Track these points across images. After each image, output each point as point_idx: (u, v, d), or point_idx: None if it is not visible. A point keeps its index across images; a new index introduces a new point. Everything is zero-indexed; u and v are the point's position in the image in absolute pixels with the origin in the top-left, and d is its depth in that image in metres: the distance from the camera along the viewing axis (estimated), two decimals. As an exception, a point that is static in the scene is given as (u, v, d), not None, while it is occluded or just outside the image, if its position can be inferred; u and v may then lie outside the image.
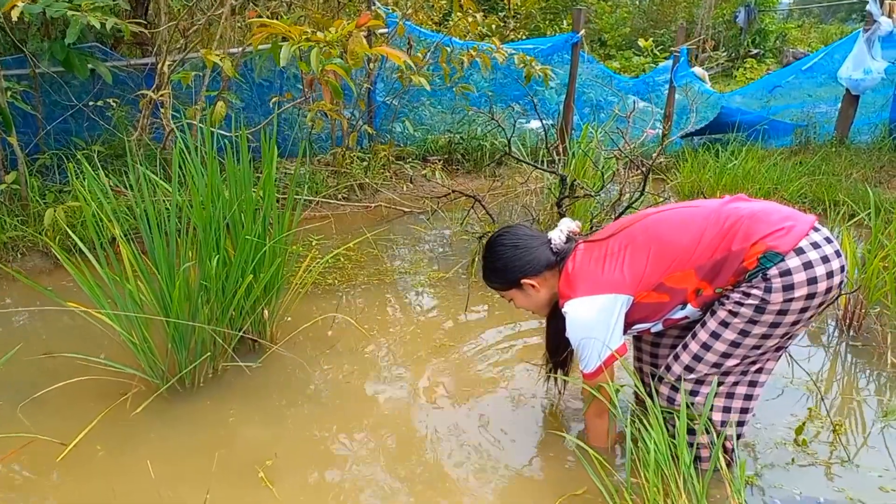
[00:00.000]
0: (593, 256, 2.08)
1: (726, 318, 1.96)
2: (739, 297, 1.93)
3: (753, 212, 1.96)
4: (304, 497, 2.12)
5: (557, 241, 2.17)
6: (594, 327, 2.00)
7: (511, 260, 2.17)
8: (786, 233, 1.90)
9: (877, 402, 2.66)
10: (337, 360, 2.94)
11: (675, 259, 1.98)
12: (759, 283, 1.90)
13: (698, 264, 1.96)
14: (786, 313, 1.91)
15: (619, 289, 2.00)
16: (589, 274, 2.05)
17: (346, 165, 5.29)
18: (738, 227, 1.94)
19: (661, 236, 2.02)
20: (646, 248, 2.01)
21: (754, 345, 1.97)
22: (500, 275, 2.20)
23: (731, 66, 14.08)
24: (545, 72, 5.37)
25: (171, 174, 2.55)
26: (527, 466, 2.29)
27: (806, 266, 1.87)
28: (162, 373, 2.57)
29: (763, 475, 2.22)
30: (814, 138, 6.51)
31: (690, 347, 2.04)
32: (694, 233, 1.98)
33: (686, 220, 2.03)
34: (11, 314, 3.39)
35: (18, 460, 2.21)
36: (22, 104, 4.07)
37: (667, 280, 1.99)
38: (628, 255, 2.03)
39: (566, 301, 2.05)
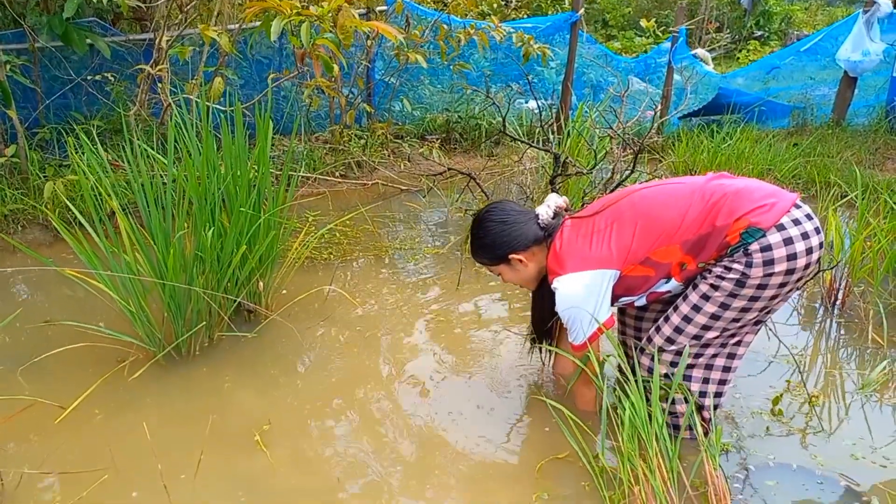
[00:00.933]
0: (581, 233, 2.14)
1: (707, 292, 2.02)
2: (721, 272, 1.99)
3: (737, 189, 2.02)
4: (297, 462, 2.19)
5: (545, 217, 2.21)
6: (583, 302, 2.06)
7: (499, 235, 2.22)
8: (768, 209, 1.95)
9: (856, 376, 2.73)
10: (331, 331, 3.00)
11: (660, 234, 2.04)
12: (741, 257, 1.95)
13: (683, 239, 2.01)
14: (765, 287, 1.96)
15: (607, 264, 2.06)
16: (577, 250, 2.11)
17: (344, 143, 5.33)
18: (722, 203, 1.99)
19: (648, 212, 2.07)
20: (632, 224, 2.07)
21: (734, 318, 2.03)
22: (489, 250, 2.25)
23: (734, 48, 14.01)
24: (543, 51, 5.39)
25: (168, 148, 2.61)
26: (513, 432, 2.36)
27: (786, 242, 1.93)
28: (158, 341, 2.64)
29: (739, 443, 2.29)
30: (811, 120, 6.52)
31: (672, 319, 2.10)
32: (679, 208, 2.03)
33: (672, 196, 2.08)
34: (13, 285, 3.46)
35: (19, 422, 2.28)
36: (21, 78, 4.10)
37: (652, 254, 2.05)
38: (615, 231, 2.09)
39: (555, 277, 2.12)
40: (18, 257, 3.68)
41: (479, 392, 2.58)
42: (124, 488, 2.05)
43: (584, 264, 2.08)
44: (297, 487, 2.08)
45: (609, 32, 13.43)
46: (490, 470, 2.17)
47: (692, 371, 2.14)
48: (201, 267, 2.64)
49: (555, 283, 2.11)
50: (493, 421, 2.41)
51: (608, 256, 2.07)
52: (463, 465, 2.19)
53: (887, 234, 3.18)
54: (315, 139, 5.56)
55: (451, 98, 6.39)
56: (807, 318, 3.23)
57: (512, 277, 2.31)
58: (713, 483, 1.89)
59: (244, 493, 2.04)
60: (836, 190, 4.22)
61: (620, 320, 2.52)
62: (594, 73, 7.33)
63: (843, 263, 3.20)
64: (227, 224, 2.73)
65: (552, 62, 6.94)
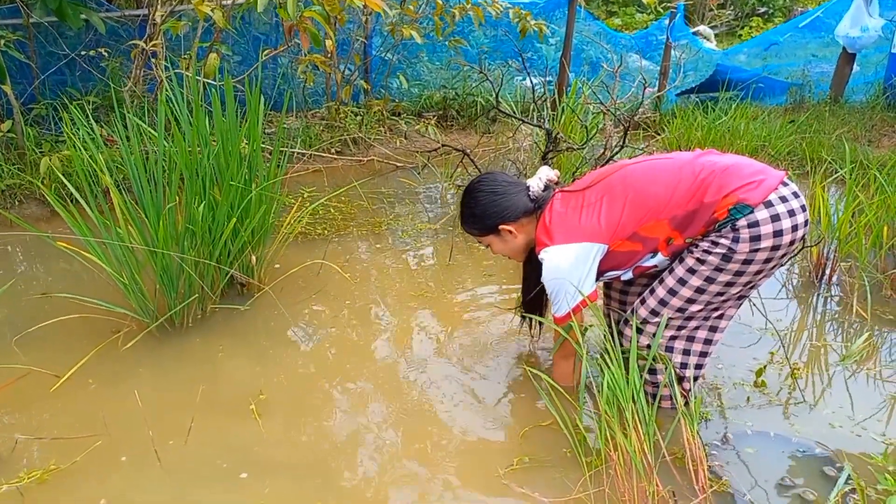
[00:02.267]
0: (571, 206, 2.17)
1: (693, 266, 2.05)
2: (707, 247, 2.02)
3: (726, 165, 2.04)
4: (288, 431, 2.24)
5: (535, 189, 2.24)
6: (568, 274, 2.09)
7: (489, 206, 2.24)
8: (756, 186, 1.98)
9: (839, 349, 2.77)
10: (323, 304, 3.05)
11: (649, 209, 2.06)
12: (728, 233, 1.98)
13: (672, 214, 2.04)
14: (750, 263, 2.00)
15: (595, 238, 2.10)
16: (566, 223, 2.14)
17: (340, 119, 5.34)
18: (710, 179, 2.02)
19: (638, 187, 2.10)
20: (622, 198, 2.09)
21: (718, 291, 2.07)
22: (479, 220, 2.27)
23: (736, 24, 13.90)
24: (540, 27, 5.38)
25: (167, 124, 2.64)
26: (499, 402, 2.41)
27: (773, 219, 1.96)
28: (152, 312, 2.68)
29: (720, 413, 2.33)
30: (809, 97, 6.51)
31: (657, 292, 2.14)
32: (669, 184, 2.06)
33: (661, 172, 2.10)
34: (11, 259, 3.51)
35: (15, 390, 2.33)
36: (16, 53, 4.12)
37: (641, 229, 2.08)
38: (605, 205, 2.11)
39: (543, 248, 2.14)
40: (16, 231, 3.73)
41: (468, 364, 2.62)
42: (117, 454, 2.11)
43: (572, 236, 2.10)
44: (286, 455, 2.13)
45: (610, 9, 13.32)
46: (476, 437, 2.22)
47: (674, 343, 2.19)
48: (193, 240, 2.68)
49: (542, 254, 2.14)
50: (480, 391, 2.46)
51: (597, 230, 2.09)
52: (450, 434, 2.24)
53: (875, 209, 3.20)
54: (311, 116, 5.57)
55: (448, 75, 6.38)
56: (793, 293, 3.27)
57: (501, 248, 2.33)
58: (690, 449, 1.94)
59: (234, 460, 2.10)
60: (826, 166, 4.24)
61: (606, 294, 2.56)
62: (593, 50, 7.31)
63: (830, 238, 3.23)
64: (218, 198, 2.76)
65: (551, 39, 6.92)
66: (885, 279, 3.18)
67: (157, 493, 1.97)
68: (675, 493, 1.93)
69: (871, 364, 2.64)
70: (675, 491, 1.94)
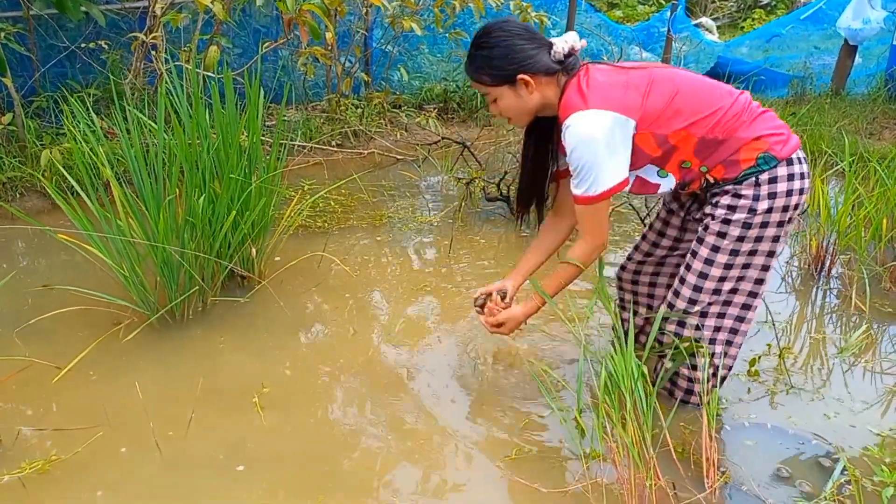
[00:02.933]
0: (615, 79, 1.98)
1: (716, 243, 2.01)
2: (725, 213, 1.97)
3: (763, 110, 2.00)
4: (288, 423, 2.26)
5: (559, 49, 2.00)
6: (604, 144, 1.89)
7: (512, 49, 1.97)
8: (786, 140, 1.95)
9: (837, 341, 2.77)
10: (324, 296, 3.06)
11: (689, 118, 1.94)
12: (750, 187, 1.94)
13: (703, 134, 1.94)
14: (766, 225, 1.97)
15: (632, 114, 1.92)
16: (607, 90, 1.94)
17: (341, 112, 5.34)
18: (746, 117, 1.95)
19: (685, 90, 1.96)
20: (669, 93, 1.95)
21: (744, 263, 2.03)
22: (496, 65, 1.99)
23: (738, 16, 13.85)
24: (541, 19, 5.37)
25: (167, 117, 2.65)
26: (500, 392, 2.43)
27: (790, 178, 1.94)
28: (152, 305, 2.69)
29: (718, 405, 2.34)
30: (810, 89, 6.49)
31: (689, 279, 2.08)
32: (714, 103, 1.96)
33: (710, 90, 2.00)
34: (13, 251, 3.52)
35: (17, 382, 2.35)
36: (16, 46, 4.12)
37: (672, 135, 1.95)
38: (652, 91, 1.95)
39: (574, 112, 1.91)
40: (18, 224, 3.73)
41: (469, 355, 2.64)
42: (118, 445, 2.12)
43: (609, 104, 1.90)
44: (286, 447, 2.15)
45: (611, 0, 13.27)
46: (476, 428, 2.24)
47: (717, 334, 2.13)
48: (193, 232, 2.69)
49: (571, 119, 1.91)
50: (480, 383, 2.48)
51: (636, 107, 1.92)
52: (450, 425, 2.25)
53: (875, 202, 3.20)
54: (312, 108, 5.57)
55: (448, 67, 6.38)
56: (792, 286, 3.27)
57: (509, 105, 2.05)
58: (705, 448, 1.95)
59: (234, 451, 2.11)
60: (828, 159, 4.23)
61: (619, 286, 2.51)
62: (594, 42, 7.30)
63: (830, 231, 3.23)
64: (218, 190, 2.77)
65: (552, 31, 6.90)
66: (884, 272, 3.19)
67: (157, 484, 1.98)
68: (676, 485, 1.94)
69: (870, 356, 2.65)
70: (675, 482, 1.95)
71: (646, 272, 2.42)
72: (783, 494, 1.94)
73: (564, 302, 3.04)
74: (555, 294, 2.19)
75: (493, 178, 4.10)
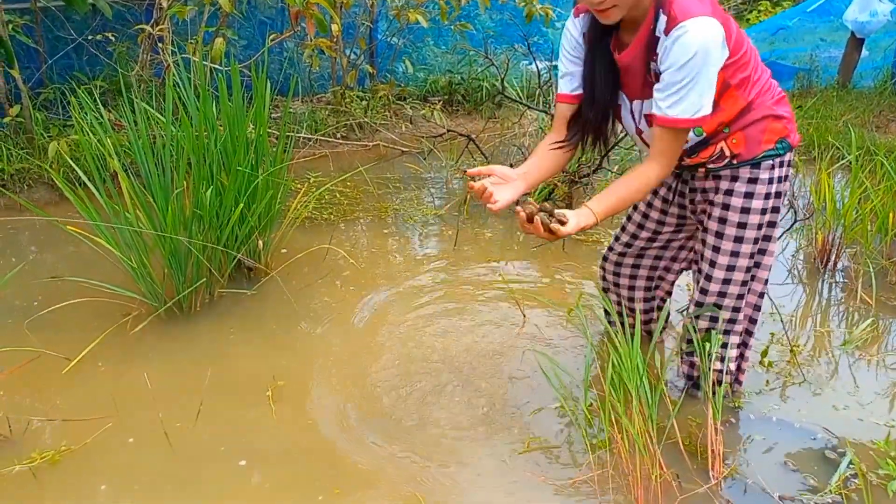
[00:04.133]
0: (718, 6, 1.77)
1: (737, 233, 1.97)
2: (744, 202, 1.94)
3: (783, 92, 1.98)
4: (295, 415, 2.27)
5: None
6: (713, 60, 1.71)
7: None
8: (795, 127, 1.97)
9: (843, 334, 2.78)
10: (329, 289, 3.07)
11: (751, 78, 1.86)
12: (767, 170, 1.92)
13: (751, 102, 1.87)
14: (777, 210, 2.00)
15: (729, 43, 1.75)
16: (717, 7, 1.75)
17: (346, 104, 5.34)
18: (776, 91, 1.94)
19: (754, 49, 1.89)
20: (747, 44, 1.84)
21: (759, 249, 2.04)
22: None
23: (745, 8, 13.78)
24: (546, 11, 5.35)
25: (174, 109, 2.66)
26: (507, 385, 2.44)
27: (788, 164, 1.98)
28: (160, 296, 2.71)
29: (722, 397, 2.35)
30: (816, 82, 6.46)
31: (716, 275, 2.04)
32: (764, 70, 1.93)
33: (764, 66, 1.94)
34: (22, 243, 3.54)
35: (28, 373, 2.37)
36: (24, 38, 4.13)
37: (731, 89, 1.83)
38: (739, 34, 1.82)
39: (694, 16, 1.67)
40: (26, 216, 3.75)
41: (474, 348, 2.65)
42: (127, 435, 2.14)
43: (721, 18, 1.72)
44: (296, 439, 2.16)
45: (617, -7, 13.19)
46: (483, 419, 2.25)
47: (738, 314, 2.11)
48: (200, 224, 2.70)
49: (689, 23, 1.67)
50: (487, 375, 2.49)
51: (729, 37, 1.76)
52: (457, 417, 2.26)
53: (881, 196, 3.20)
54: (317, 100, 5.57)
55: (453, 59, 6.36)
56: (798, 279, 3.27)
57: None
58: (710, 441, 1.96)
59: (242, 443, 2.13)
60: (834, 152, 4.23)
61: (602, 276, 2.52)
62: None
63: (836, 224, 3.23)
64: (225, 183, 2.78)
65: (557, 23, 6.87)
66: (890, 265, 3.18)
67: (166, 475, 2.00)
68: (680, 476, 1.95)
69: (875, 350, 2.65)
70: (680, 473, 1.96)
71: (626, 264, 2.42)
72: (789, 487, 1.95)
73: (572, 293, 3.05)
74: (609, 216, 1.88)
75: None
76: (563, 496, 1.93)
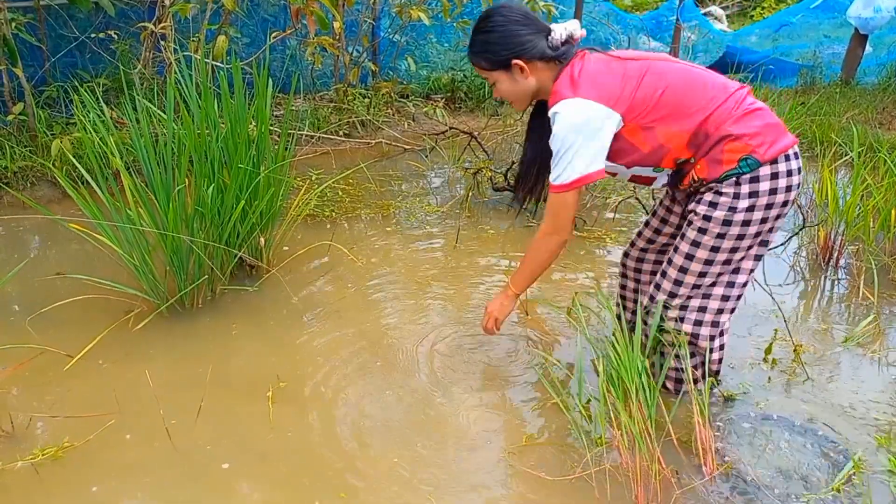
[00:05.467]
0: (610, 68, 2.00)
1: (696, 238, 2.02)
2: (706, 210, 1.98)
3: (757, 106, 1.98)
4: (296, 413, 2.28)
5: (557, 37, 2.03)
6: (581, 133, 1.92)
7: (508, 35, 2.02)
8: (772, 142, 1.93)
9: (845, 331, 2.77)
10: (331, 286, 3.08)
11: (680, 109, 1.96)
12: (731, 186, 1.94)
13: (694, 128, 1.95)
14: (749, 224, 1.97)
15: (619, 106, 1.94)
16: (599, 80, 1.96)
17: (348, 102, 5.34)
18: (739, 112, 1.95)
19: (677, 86, 1.97)
20: (662, 84, 1.96)
21: (724, 259, 2.03)
22: (493, 49, 2.05)
23: (748, 5, 13.75)
24: (549, 8, 5.35)
25: (175, 107, 2.66)
26: (507, 381, 2.44)
27: (773, 177, 1.93)
28: (162, 294, 2.72)
29: (723, 394, 2.35)
30: (820, 79, 6.45)
31: (669, 274, 2.11)
32: (706, 97, 1.96)
33: (704, 84, 1.99)
34: (26, 240, 3.56)
35: (30, 370, 2.38)
36: (27, 36, 4.14)
37: (661, 127, 1.96)
38: (643, 85, 1.96)
39: (561, 100, 1.95)
40: (30, 213, 3.77)
41: (474, 345, 2.65)
42: (128, 432, 2.15)
43: (598, 95, 1.93)
44: (297, 437, 2.17)
45: (621, -11, 13.19)
46: (482, 416, 2.25)
47: (700, 329, 2.13)
48: (202, 222, 2.71)
49: (557, 107, 1.94)
50: (486, 372, 2.49)
51: (625, 98, 1.94)
52: (456, 414, 2.27)
53: (883, 192, 3.19)
54: (319, 98, 5.58)
55: (456, 56, 6.37)
56: (801, 275, 3.27)
57: (507, 89, 2.11)
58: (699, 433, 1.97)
59: (243, 441, 2.14)
60: (837, 148, 4.22)
61: (623, 273, 2.52)
62: (602, 31, 7.26)
63: (838, 221, 3.22)
64: (227, 180, 2.78)
65: (559, 20, 6.87)
66: (892, 262, 3.18)
67: (167, 471, 2.01)
68: (679, 473, 1.96)
69: (878, 347, 2.65)
70: (679, 470, 1.96)
71: (648, 259, 2.43)
72: (789, 485, 1.95)
73: (572, 291, 3.06)
74: (525, 287, 2.29)
75: (501, 168, 4.10)
76: (563, 493, 1.93)
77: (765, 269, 3.22)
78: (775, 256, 3.40)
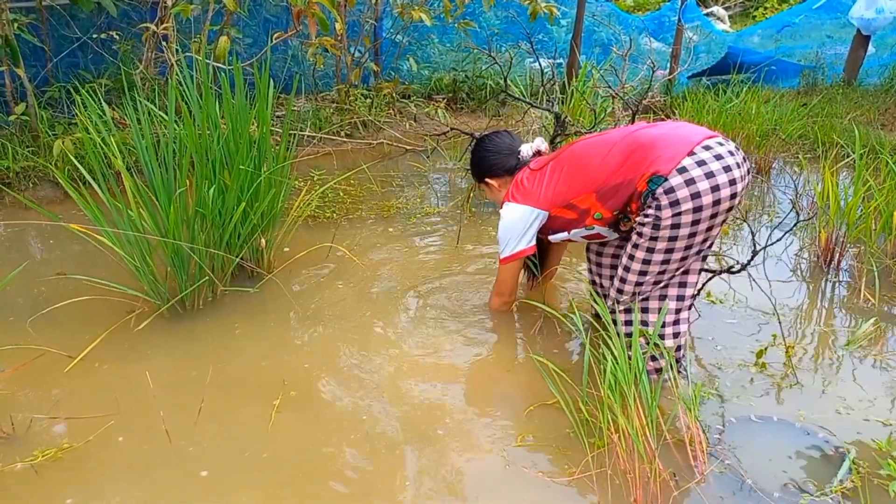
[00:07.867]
0: (537, 173, 2.49)
1: (635, 241, 2.26)
2: (640, 219, 2.21)
3: (652, 139, 2.21)
4: (297, 414, 2.28)
5: (524, 155, 2.61)
6: (512, 227, 2.49)
7: (483, 161, 2.69)
8: (668, 157, 2.13)
9: (846, 334, 2.77)
10: (332, 287, 3.08)
11: (581, 182, 2.33)
12: (651, 202, 2.16)
13: (598, 188, 2.29)
14: (678, 227, 2.14)
15: (539, 205, 2.44)
16: (525, 188, 2.49)
17: (350, 102, 5.34)
18: (634, 155, 2.20)
19: (577, 161, 2.37)
20: (563, 171, 2.39)
21: (662, 259, 2.23)
22: (474, 169, 2.75)
23: (750, 5, 13.73)
24: (550, 9, 5.34)
25: (177, 107, 2.66)
26: (505, 383, 2.45)
27: (688, 182, 2.09)
28: (163, 295, 2.72)
29: (721, 394, 2.35)
30: (822, 80, 6.44)
31: (619, 273, 2.36)
32: (602, 159, 2.28)
33: (598, 147, 2.32)
34: (27, 240, 3.56)
35: (31, 370, 2.38)
36: (29, 36, 4.15)
37: (574, 200, 2.36)
38: (554, 177, 2.42)
39: (505, 202, 2.54)
40: (31, 214, 3.78)
41: (475, 345, 2.65)
42: (128, 433, 2.15)
43: (525, 199, 2.47)
44: (297, 438, 2.17)
45: (623, -11, 13.17)
46: (481, 416, 2.25)
47: (648, 316, 2.33)
48: (203, 223, 2.71)
49: (503, 208, 2.54)
50: (486, 372, 2.50)
51: (543, 198, 2.43)
52: (455, 413, 2.27)
53: (885, 194, 3.19)
54: (321, 98, 5.58)
55: (458, 57, 6.37)
56: (801, 277, 3.27)
57: (489, 195, 2.78)
58: (689, 431, 1.97)
59: (244, 443, 2.14)
60: (839, 150, 4.21)
61: (587, 258, 2.77)
62: (604, 31, 7.25)
63: (839, 223, 3.22)
64: (228, 181, 2.79)
65: (561, 21, 6.87)
66: (893, 264, 3.17)
67: (167, 472, 2.01)
68: (677, 474, 1.96)
69: (878, 349, 2.65)
70: (677, 472, 1.96)
71: (606, 253, 2.66)
72: (789, 487, 1.95)
73: (572, 292, 3.06)
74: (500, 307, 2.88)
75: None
76: (562, 494, 1.94)
77: (766, 270, 3.22)
78: (776, 258, 3.40)
